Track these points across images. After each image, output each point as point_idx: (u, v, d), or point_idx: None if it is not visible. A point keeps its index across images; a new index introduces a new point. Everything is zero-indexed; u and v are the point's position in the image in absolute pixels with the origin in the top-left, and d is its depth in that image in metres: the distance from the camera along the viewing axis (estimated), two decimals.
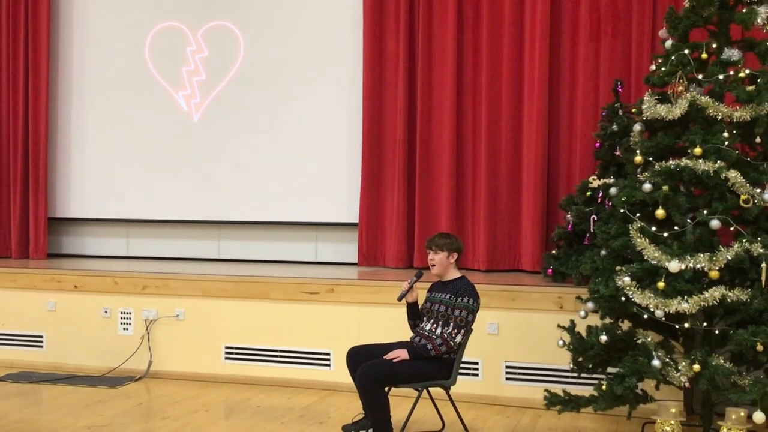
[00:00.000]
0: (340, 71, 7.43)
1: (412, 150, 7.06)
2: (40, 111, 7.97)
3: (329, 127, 7.46)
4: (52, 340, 6.77)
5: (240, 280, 6.42)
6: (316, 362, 6.18)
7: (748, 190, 4.35)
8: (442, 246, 4.83)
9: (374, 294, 6.03)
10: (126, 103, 7.98)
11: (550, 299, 5.62)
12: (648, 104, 4.62)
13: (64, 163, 8.18)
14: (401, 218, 7.04)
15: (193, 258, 7.85)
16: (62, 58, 8.17)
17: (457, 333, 4.66)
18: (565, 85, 6.72)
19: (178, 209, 7.83)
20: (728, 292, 4.23)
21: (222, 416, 5.47)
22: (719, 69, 4.55)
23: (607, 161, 5.91)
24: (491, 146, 6.81)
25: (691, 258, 4.26)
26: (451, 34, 6.90)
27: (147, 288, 6.56)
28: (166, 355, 6.48)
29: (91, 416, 5.31)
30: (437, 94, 6.99)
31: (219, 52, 7.76)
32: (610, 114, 6.00)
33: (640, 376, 4.30)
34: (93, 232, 8.22)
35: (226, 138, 7.72)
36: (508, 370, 5.72)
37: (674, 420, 4.36)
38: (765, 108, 4.41)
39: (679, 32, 4.74)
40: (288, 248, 7.66)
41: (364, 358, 4.72)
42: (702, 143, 4.39)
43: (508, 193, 6.79)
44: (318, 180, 7.47)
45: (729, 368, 4.18)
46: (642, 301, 4.31)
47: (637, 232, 4.42)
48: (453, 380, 4.74)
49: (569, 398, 4.59)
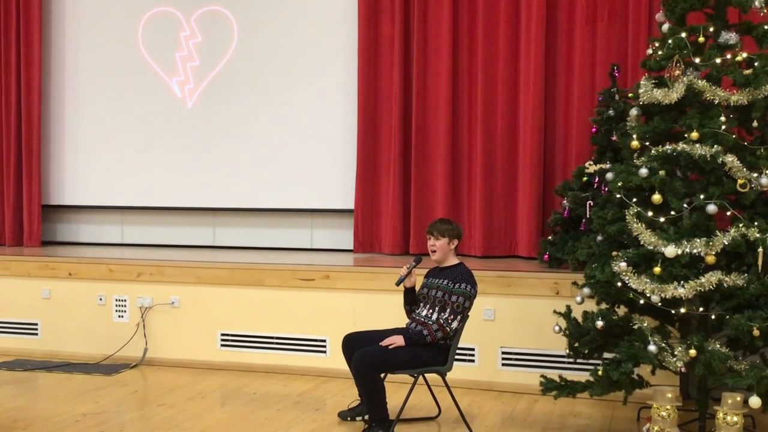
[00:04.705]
0: (335, 57, 7.38)
1: (407, 136, 7.03)
2: (33, 98, 7.90)
3: (324, 112, 7.41)
4: (47, 328, 6.75)
5: (235, 267, 6.40)
6: (312, 349, 6.18)
7: (745, 175, 4.33)
8: (443, 232, 4.81)
9: (370, 281, 6.02)
10: (119, 89, 7.92)
11: (547, 285, 5.62)
12: (645, 88, 4.58)
13: (57, 151, 8.13)
14: (397, 204, 7.01)
15: (188, 245, 7.82)
16: (55, 45, 8.10)
17: (453, 319, 4.65)
18: (561, 69, 6.68)
19: (173, 196, 7.79)
20: (725, 277, 4.22)
21: (218, 403, 5.46)
22: (716, 53, 4.52)
23: (604, 146, 5.89)
24: (487, 132, 6.77)
25: (688, 243, 4.25)
26: (446, 20, 6.85)
27: (142, 275, 6.54)
28: (161, 343, 6.46)
29: (87, 404, 5.30)
30: (433, 79, 6.95)
31: (213, 37, 7.70)
32: (606, 99, 5.97)
33: (636, 362, 4.30)
34: (87, 220, 8.18)
35: (220, 124, 7.67)
36: (504, 355, 5.72)
37: (670, 405, 4.37)
38: (762, 92, 4.38)
39: (676, 15, 4.71)
40: (283, 235, 7.63)
41: (360, 344, 4.72)
42: (699, 128, 4.37)
43: (504, 179, 6.77)
44: (313, 166, 7.43)
45: (725, 353, 4.18)
46: (638, 287, 4.30)
47: (633, 218, 4.41)
48: (449, 366, 4.74)
49: (565, 384, 4.59)
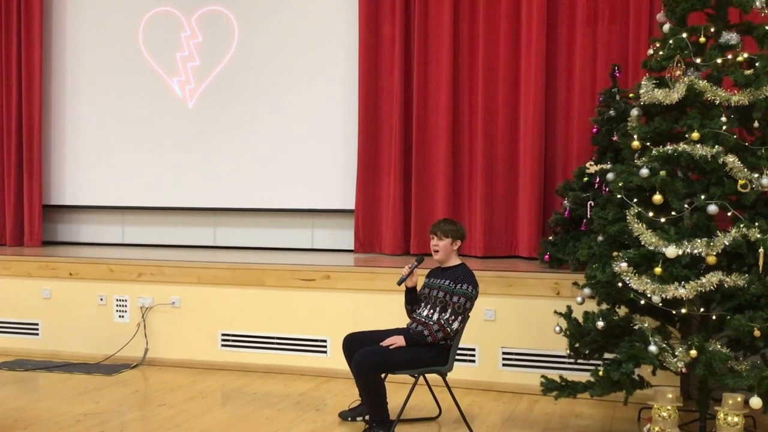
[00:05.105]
0: (336, 57, 7.38)
1: (408, 136, 7.03)
2: (34, 98, 7.91)
3: (325, 113, 7.41)
4: (48, 328, 6.75)
5: (236, 267, 6.40)
6: (313, 349, 6.17)
7: (746, 175, 4.33)
8: (447, 232, 4.81)
9: (370, 281, 6.01)
10: (120, 89, 7.92)
11: (547, 285, 5.62)
12: (645, 89, 4.59)
13: (58, 151, 8.13)
14: (397, 205, 7.01)
15: (188, 245, 7.82)
16: (55, 45, 8.10)
17: (454, 319, 4.65)
18: (562, 70, 6.68)
19: (174, 196, 7.79)
20: (725, 277, 4.22)
21: (218, 403, 5.46)
22: (717, 53, 4.52)
23: (605, 146, 5.89)
24: (488, 132, 6.77)
25: (689, 243, 4.25)
26: (447, 20, 6.85)
27: (142, 275, 6.54)
28: (162, 343, 6.46)
29: (87, 404, 5.30)
30: (433, 79, 6.95)
31: (213, 37, 7.70)
32: (607, 99, 5.97)
33: (637, 362, 4.30)
34: (88, 220, 8.19)
35: (221, 124, 7.67)
36: (504, 356, 5.72)
37: (671, 405, 4.36)
38: (763, 92, 4.38)
39: (677, 16, 4.70)
40: (284, 235, 7.63)
41: (361, 344, 4.72)
42: (700, 128, 4.37)
43: (505, 179, 6.77)
44: (314, 166, 7.43)
45: (726, 353, 4.17)
46: (639, 287, 4.30)
47: (634, 218, 4.40)
48: (450, 366, 4.74)
49: (566, 384, 4.59)
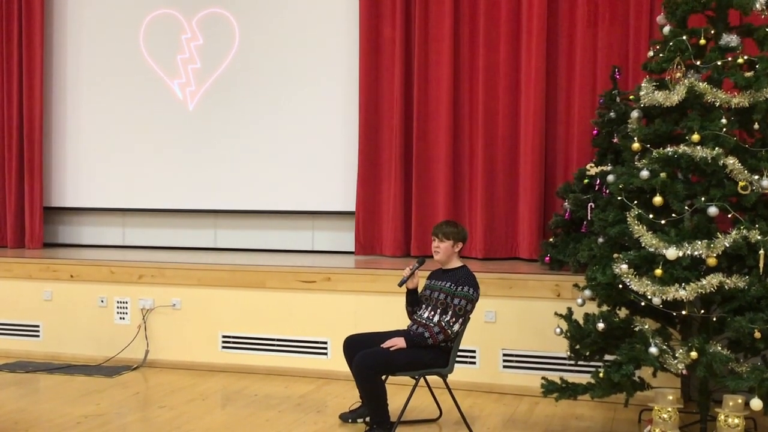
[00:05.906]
0: (336, 59, 7.39)
1: (408, 138, 7.03)
2: (35, 100, 7.92)
3: (326, 115, 7.42)
4: (49, 330, 6.76)
5: (236, 269, 6.40)
6: (313, 351, 6.17)
7: (746, 177, 4.33)
8: (448, 234, 4.81)
9: (371, 282, 6.01)
10: (121, 91, 7.93)
11: (548, 287, 5.62)
12: (646, 91, 4.59)
13: (59, 153, 8.14)
14: (398, 207, 7.01)
15: (189, 247, 7.83)
16: (56, 47, 8.11)
17: (455, 322, 4.65)
18: (562, 71, 6.68)
19: (174, 198, 7.80)
20: (726, 279, 4.22)
21: (219, 405, 5.46)
22: (717, 55, 4.53)
23: (605, 148, 5.89)
24: (488, 134, 6.77)
25: (689, 245, 4.25)
26: (447, 21, 6.86)
27: (143, 277, 6.54)
28: (162, 345, 6.47)
29: (88, 405, 5.30)
30: (434, 81, 6.95)
31: (214, 39, 7.71)
32: (607, 101, 5.97)
33: (638, 364, 4.30)
34: (89, 222, 8.19)
35: (221, 126, 7.68)
36: (505, 358, 5.72)
37: (671, 407, 4.36)
38: (763, 94, 4.38)
39: (677, 18, 4.71)
40: (285, 237, 7.64)
41: (361, 346, 4.72)
42: (700, 130, 4.37)
43: (506, 181, 6.77)
44: (315, 168, 7.44)
45: (726, 355, 4.17)
46: (639, 289, 4.30)
47: (634, 220, 4.40)
48: (450, 368, 4.74)
49: (566, 386, 4.59)
